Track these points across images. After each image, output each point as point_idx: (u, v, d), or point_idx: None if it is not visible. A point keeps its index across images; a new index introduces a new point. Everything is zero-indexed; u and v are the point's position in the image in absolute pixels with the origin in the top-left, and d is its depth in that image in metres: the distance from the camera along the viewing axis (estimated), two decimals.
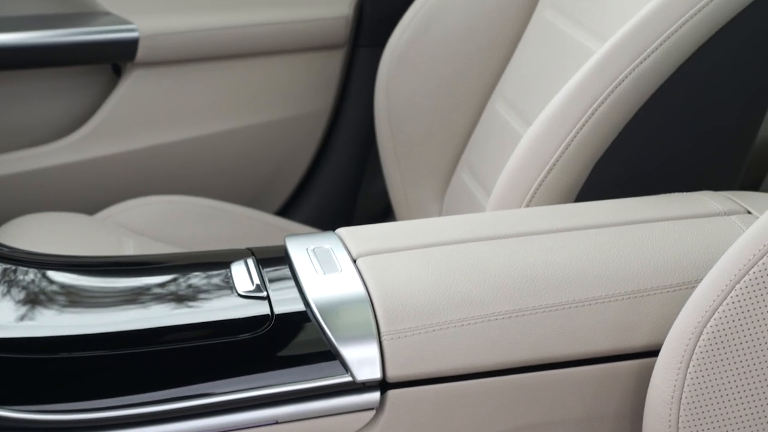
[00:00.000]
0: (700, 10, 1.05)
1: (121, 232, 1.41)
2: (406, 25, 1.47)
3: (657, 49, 1.05)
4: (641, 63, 1.05)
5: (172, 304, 0.87)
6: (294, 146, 1.73)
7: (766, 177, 1.69)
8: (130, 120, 1.59)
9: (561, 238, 0.92)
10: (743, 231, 0.91)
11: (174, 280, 0.91)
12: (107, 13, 1.54)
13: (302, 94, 1.70)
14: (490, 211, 1.10)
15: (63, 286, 0.90)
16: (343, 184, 1.76)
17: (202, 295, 0.88)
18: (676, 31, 1.05)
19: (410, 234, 0.93)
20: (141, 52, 1.53)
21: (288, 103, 1.69)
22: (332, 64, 1.70)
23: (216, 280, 0.89)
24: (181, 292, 0.89)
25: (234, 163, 1.69)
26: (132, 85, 1.57)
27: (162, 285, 0.90)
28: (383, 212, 1.78)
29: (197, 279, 0.90)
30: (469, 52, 1.45)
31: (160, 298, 0.88)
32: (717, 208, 0.97)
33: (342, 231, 0.93)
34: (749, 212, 0.97)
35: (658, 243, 0.91)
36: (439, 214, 1.49)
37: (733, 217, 0.96)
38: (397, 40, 1.47)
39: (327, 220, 1.75)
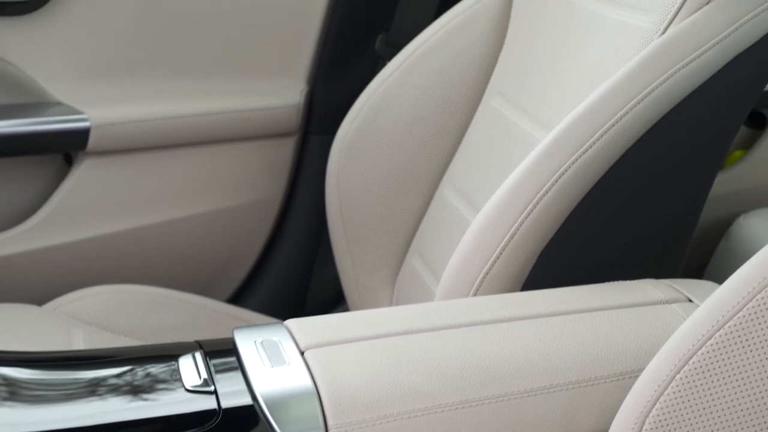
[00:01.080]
0: (640, 102, 1.08)
1: (70, 323, 1.40)
2: (356, 114, 1.49)
3: (599, 139, 1.08)
4: (583, 153, 1.07)
5: (120, 400, 0.87)
6: (246, 233, 1.73)
7: (710, 262, 1.73)
8: (80, 209, 1.58)
9: (507, 329, 0.93)
10: (684, 319, 0.92)
11: (121, 374, 0.90)
12: (59, 103, 1.54)
13: (254, 182, 1.71)
14: (439, 301, 1.11)
15: (9, 381, 0.89)
16: (295, 270, 1.77)
17: (149, 390, 0.88)
18: (617, 122, 1.08)
19: (358, 325, 0.94)
20: (92, 142, 1.54)
21: (240, 190, 1.70)
22: (284, 151, 1.71)
23: (164, 375, 0.89)
24: (128, 387, 0.89)
25: (185, 251, 1.69)
26: (83, 174, 1.57)
27: (109, 380, 0.90)
28: (335, 298, 1.79)
29: (145, 373, 0.90)
30: (417, 139, 1.47)
31: (107, 394, 0.88)
32: (659, 297, 0.99)
33: (291, 323, 0.94)
34: (690, 300, 0.99)
35: (601, 332, 0.92)
36: (390, 301, 1.50)
37: (675, 306, 0.97)
38: (347, 128, 1.49)
39: (279, 307, 1.75)
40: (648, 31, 1.15)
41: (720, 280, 0.85)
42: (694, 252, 1.46)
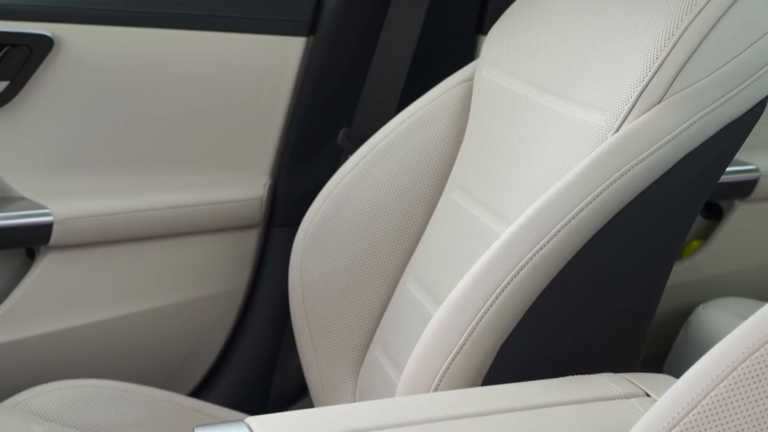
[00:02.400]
0: (594, 199, 1.10)
1: (30, 420, 1.39)
2: (319, 207, 1.50)
3: (555, 236, 1.09)
4: (540, 249, 1.09)
5: None
6: (209, 326, 1.73)
7: (671, 352, 1.74)
8: (42, 303, 1.58)
9: (466, 425, 0.93)
10: (642, 414, 0.93)
11: None
12: (22, 198, 1.55)
13: (217, 274, 1.71)
14: (400, 395, 1.12)
15: None
16: (258, 363, 1.77)
17: None
18: (573, 218, 1.10)
19: (318, 423, 0.94)
20: (55, 236, 1.54)
21: (203, 283, 1.71)
22: (247, 243, 1.72)
23: None
24: None
25: (148, 345, 1.68)
26: (46, 269, 1.57)
27: None
28: (299, 390, 1.78)
29: None
30: (379, 232, 1.49)
31: None
32: (617, 392, 1.00)
33: (252, 420, 0.94)
34: (648, 395, 1.00)
35: (559, 427, 0.93)
36: (353, 393, 1.50)
37: (632, 401, 0.98)
38: (310, 220, 1.50)
39: (243, 400, 1.74)
40: (602, 128, 1.18)
41: (680, 370, 0.85)
42: (654, 341, 1.48)
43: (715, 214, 1.91)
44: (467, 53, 1.72)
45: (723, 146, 1.19)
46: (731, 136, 1.19)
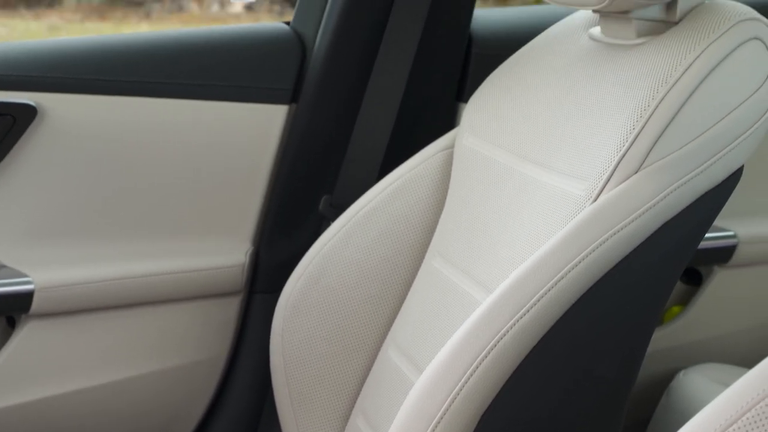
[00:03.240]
0: (573, 268, 1.11)
1: None
2: (300, 274, 1.51)
3: (534, 305, 1.10)
4: (520, 319, 1.10)
5: None
6: (189, 393, 1.72)
7: (652, 418, 1.74)
8: (22, 372, 1.57)
9: None
10: None
11: None
12: (2, 266, 1.54)
13: (198, 341, 1.71)
14: None
15: None
16: (239, 430, 1.76)
17: None
18: (552, 287, 1.11)
19: None
20: (36, 304, 1.54)
21: (184, 350, 1.70)
22: (228, 310, 1.72)
23: None
24: None
25: (128, 412, 1.67)
26: (26, 337, 1.56)
27: None
28: None
29: None
30: (361, 299, 1.49)
31: None
32: None
33: None
34: None
35: None
36: None
37: None
38: (292, 287, 1.51)
39: None
40: (581, 198, 1.19)
41: None
42: (635, 408, 1.48)
43: (694, 279, 1.92)
44: (448, 121, 1.74)
45: (700, 216, 1.20)
46: (708, 205, 1.20)
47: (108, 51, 1.58)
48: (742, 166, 1.22)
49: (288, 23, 1.74)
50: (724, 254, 1.87)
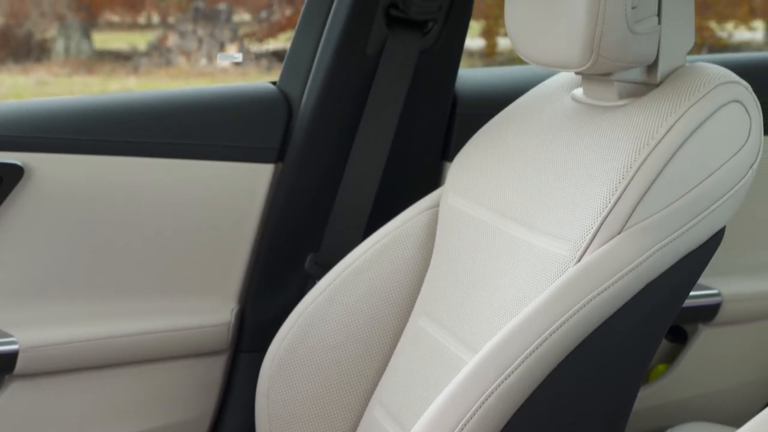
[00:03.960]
0: (557, 329, 1.12)
1: None
2: (286, 333, 1.51)
3: (519, 365, 1.11)
4: (505, 380, 1.10)
5: None
6: None
7: None
8: None
9: None
10: None
11: None
12: None
13: (183, 401, 1.70)
14: None
15: None
16: None
17: None
18: (536, 349, 1.11)
19: None
20: (20, 365, 1.53)
21: (169, 410, 1.69)
22: (214, 369, 1.71)
23: None
24: None
25: None
26: (9, 398, 1.55)
27: None
28: None
29: None
30: (347, 358, 1.49)
31: None
32: None
33: None
34: None
35: None
36: None
37: None
38: (277, 347, 1.51)
39: None
40: (565, 258, 1.20)
41: None
42: None
43: (680, 337, 1.93)
44: (433, 180, 1.75)
45: (683, 276, 1.21)
46: (691, 266, 1.21)
47: (94, 111, 1.59)
48: (724, 227, 1.23)
49: (274, 83, 1.75)
50: (708, 312, 1.88)
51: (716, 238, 1.23)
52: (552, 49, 1.25)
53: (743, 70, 1.35)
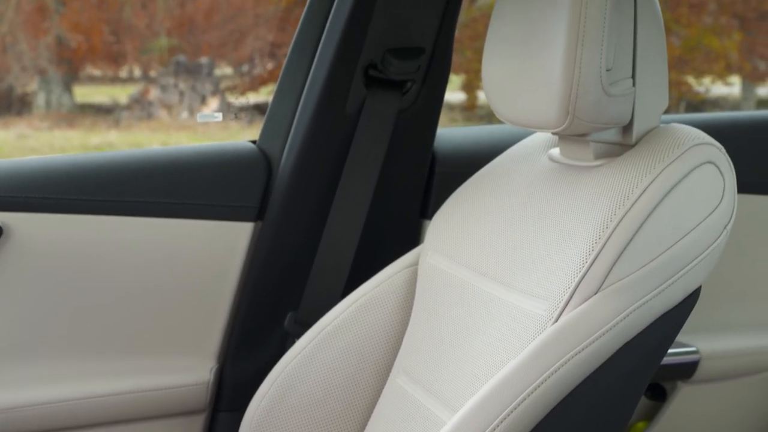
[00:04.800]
0: (535, 389, 1.13)
1: None
2: (265, 392, 1.50)
3: (498, 425, 1.11)
4: None
5: None
6: None
7: None
8: None
9: None
10: None
11: None
12: None
13: None
14: None
15: None
16: None
17: None
18: (514, 410, 1.12)
19: None
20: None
21: None
22: (192, 429, 1.70)
23: None
24: None
25: None
26: None
27: None
28: None
29: None
30: (325, 418, 1.49)
31: None
32: None
33: None
34: None
35: None
36: None
37: None
38: (256, 406, 1.50)
39: None
40: (542, 317, 1.21)
41: None
42: None
43: (659, 395, 1.93)
44: (412, 237, 1.76)
45: (660, 335, 1.22)
46: (668, 325, 1.22)
47: (73, 170, 1.59)
48: (700, 286, 1.24)
49: (254, 141, 1.76)
50: (687, 370, 1.89)
51: (692, 298, 1.24)
52: (528, 110, 1.27)
53: (716, 130, 1.37)
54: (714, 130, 1.36)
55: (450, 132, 1.85)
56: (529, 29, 1.25)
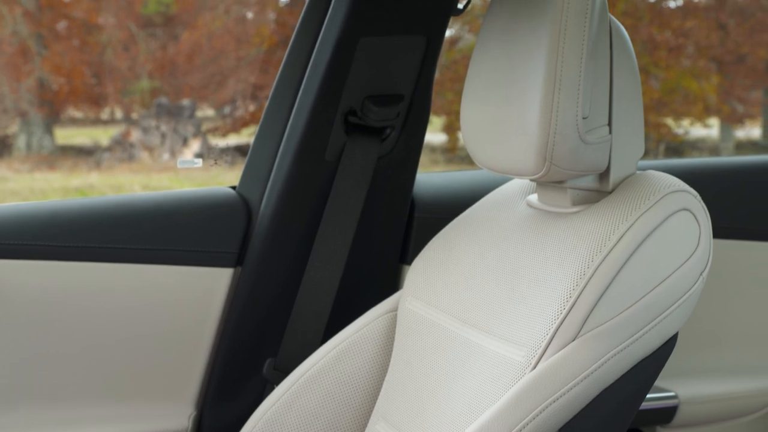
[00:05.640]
0: (520, 430, 1.13)
1: None
2: None
3: None
4: None
5: None
6: None
7: None
8: None
9: None
10: None
11: None
12: None
13: None
14: None
15: None
16: None
17: None
18: None
19: None
20: None
21: None
22: None
23: None
24: None
25: None
26: None
27: None
28: None
29: None
30: None
31: None
32: None
33: None
34: None
35: None
36: None
37: None
38: None
39: None
40: (521, 364, 1.21)
41: None
42: None
43: None
44: (391, 283, 1.76)
45: (638, 381, 1.22)
46: (645, 371, 1.22)
47: (52, 217, 1.59)
48: (677, 333, 1.25)
49: (234, 187, 1.76)
50: (665, 415, 1.89)
51: (669, 344, 1.24)
52: (506, 157, 1.28)
53: (692, 176, 1.38)
54: (690, 175, 1.38)
55: (429, 177, 1.86)
56: (507, 76, 1.26)
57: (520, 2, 1.25)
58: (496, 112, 1.27)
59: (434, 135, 6.39)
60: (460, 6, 1.64)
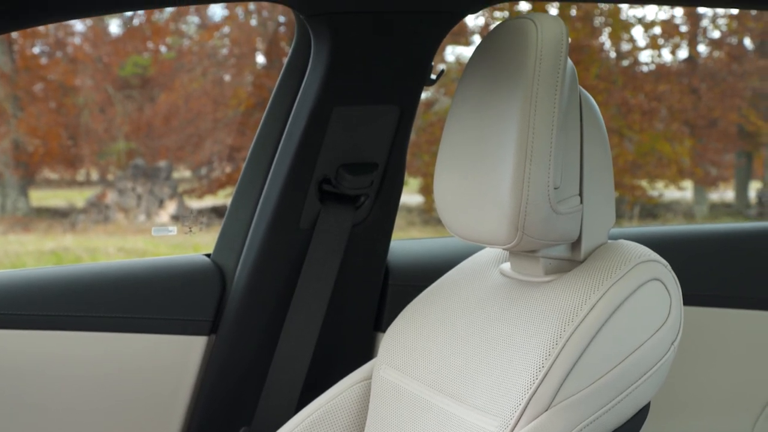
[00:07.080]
0: None
1: None
2: None
3: None
4: None
5: None
6: None
7: None
8: None
9: None
10: None
11: None
12: None
13: None
14: None
15: None
16: None
17: None
18: None
19: None
20: None
21: None
22: None
23: None
24: None
25: None
26: None
27: None
28: None
29: None
30: None
31: None
32: None
33: None
34: None
35: None
36: None
37: None
38: None
39: None
40: None
41: None
42: None
43: None
44: (365, 351, 1.76)
45: None
46: None
47: (25, 285, 1.59)
48: (650, 402, 1.25)
49: (208, 255, 1.77)
50: None
51: (642, 413, 1.24)
52: (479, 226, 1.28)
53: (662, 244, 1.40)
54: (660, 244, 1.39)
55: (403, 245, 1.87)
56: (479, 147, 1.27)
57: (492, 73, 1.27)
58: (468, 182, 1.28)
59: (411, 196, 6.42)
60: (433, 77, 1.66)
